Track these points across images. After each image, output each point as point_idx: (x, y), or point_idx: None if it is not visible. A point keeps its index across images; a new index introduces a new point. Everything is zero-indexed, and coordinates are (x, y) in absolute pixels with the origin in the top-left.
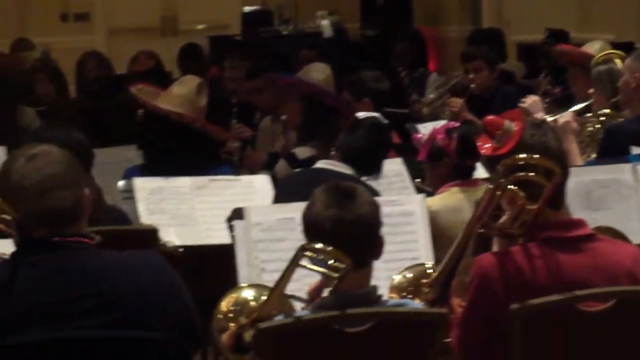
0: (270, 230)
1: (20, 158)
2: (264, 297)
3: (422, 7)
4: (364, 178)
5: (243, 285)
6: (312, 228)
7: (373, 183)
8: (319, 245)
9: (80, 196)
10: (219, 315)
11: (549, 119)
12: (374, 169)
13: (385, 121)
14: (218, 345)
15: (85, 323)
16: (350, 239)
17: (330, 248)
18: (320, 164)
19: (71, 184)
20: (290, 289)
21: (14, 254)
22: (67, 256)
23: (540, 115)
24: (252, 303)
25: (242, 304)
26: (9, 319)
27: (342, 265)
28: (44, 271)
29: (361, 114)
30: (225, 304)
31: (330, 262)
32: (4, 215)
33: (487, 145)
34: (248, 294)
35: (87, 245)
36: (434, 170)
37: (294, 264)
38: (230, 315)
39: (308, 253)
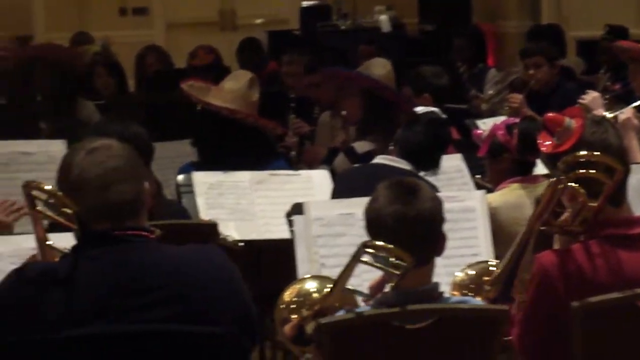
0: (330, 225)
1: (80, 152)
2: (326, 290)
3: (481, 3)
4: (422, 173)
5: (306, 276)
6: (375, 224)
7: (431, 178)
8: (381, 243)
9: (140, 190)
10: (281, 306)
11: (609, 115)
12: (432, 165)
13: (444, 116)
14: (278, 335)
15: (145, 317)
16: (412, 235)
17: (392, 246)
18: (379, 160)
19: (131, 178)
20: (351, 283)
21: (74, 248)
22: (128, 250)
23: (600, 111)
24: (315, 295)
25: (305, 296)
26: (70, 312)
27: (403, 263)
28: (104, 264)
29: (420, 109)
30: (288, 295)
31: (392, 259)
32: (64, 209)
33: (547, 143)
34: (311, 285)
35: (147, 239)
36: (494, 166)
37: (355, 260)
38: (293, 306)
39: (369, 250)
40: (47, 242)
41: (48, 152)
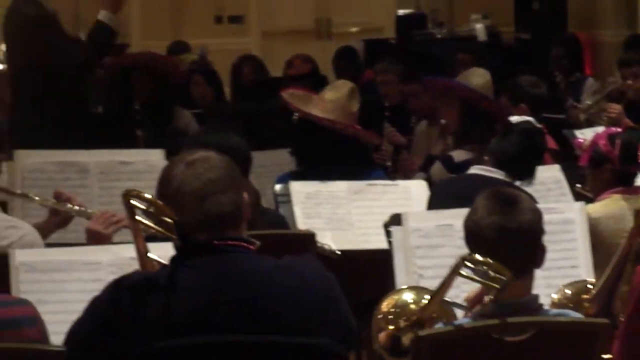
0: (428, 236)
1: (179, 164)
2: (424, 301)
3: (577, 12)
4: (517, 183)
5: (403, 287)
6: (474, 235)
7: (527, 188)
8: (480, 258)
9: (239, 201)
10: (379, 316)
11: None
12: (528, 174)
13: (539, 125)
14: (375, 345)
15: (244, 327)
16: (512, 247)
17: (492, 261)
18: (474, 170)
19: (231, 189)
20: (449, 295)
21: (174, 257)
22: (228, 260)
23: None
24: (412, 306)
25: (402, 307)
26: (169, 322)
27: (502, 277)
28: (204, 274)
29: (514, 119)
30: (385, 305)
31: (491, 273)
32: (164, 218)
33: None
34: (408, 296)
35: (247, 249)
36: (595, 176)
37: (454, 273)
38: (390, 316)
39: (468, 264)
40: (148, 254)
41: (146, 161)
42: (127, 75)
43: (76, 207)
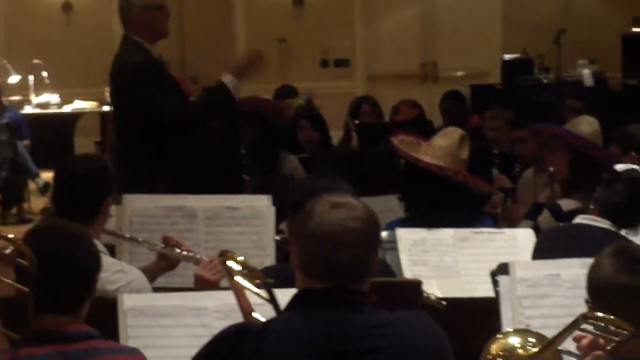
0: (536, 286)
1: (325, 203)
2: (530, 344)
3: None
4: (622, 232)
5: (509, 330)
6: (600, 292)
7: (632, 238)
8: (602, 315)
9: (370, 258)
10: (488, 356)
11: None
12: (633, 224)
13: None
14: None
15: None
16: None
17: (614, 318)
18: (580, 219)
19: (365, 244)
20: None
21: (292, 304)
22: (346, 311)
23: None
24: (519, 351)
25: (510, 351)
26: None
27: (624, 331)
28: (320, 326)
29: (619, 167)
30: (494, 348)
31: (612, 327)
32: (257, 281)
33: None
34: (514, 340)
35: (364, 303)
36: None
37: (572, 328)
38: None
39: (589, 320)
40: (252, 314)
41: (253, 207)
42: (234, 120)
43: (184, 252)
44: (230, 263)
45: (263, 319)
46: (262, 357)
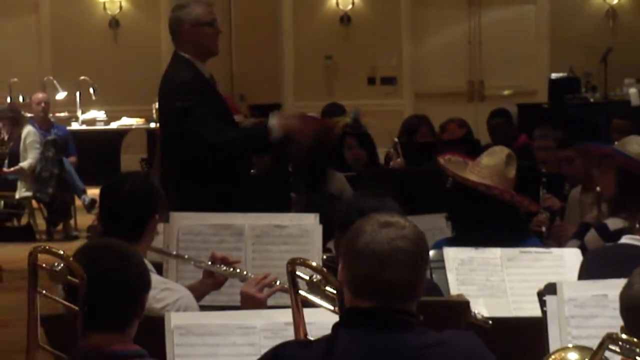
0: (583, 306)
1: (374, 222)
2: None
3: None
4: None
5: (570, 345)
6: (631, 311)
7: None
8: (625, 337)
9: (418, 280)
10: None
11: None
12: None
13: None
14: None
15: None
16: None
17: (637, 340)
18: (625, 239)
19: (414, 265)
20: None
21: (336, 324)
22: (390, 333)
23: None
24: None
25: None
26: None
27: None
28: (365, 345)
29: None
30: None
31: (638, 350)
32: (330, 289)
33: None
34: (573, 356)
35: (412, 323)
36: None
37: (600, 349)
38: None
39: (618, 341)
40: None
41: (300, 226)
42: (283, 138)
43: (231, 269)
44: (300, 270)
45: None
46: None
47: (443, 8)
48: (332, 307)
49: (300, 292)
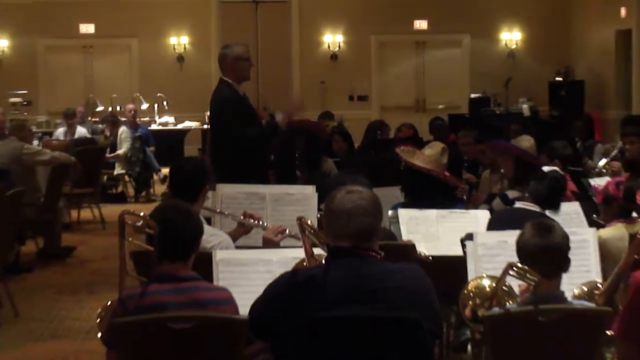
0: (491, 248)
1: (342, 191)
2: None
3: (591, 97)
4: (547, 212)
5: (484, 275)
6: (523, 251)
7: (554, 216)
8: (519, 265)
9: (377, 224)
10: (464, 292)
11: None
12: (554, 207)
13: (562, 173)
14: (453, 316)
15: (369, 307)
16: (548, 260)
17: (526, 267)
18: (519, 204)
19: (371, 214)
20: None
21: (328, 258)
22: (362, 263)
23: None
24: (487, 289)
25: (481, 289)
26: (323, 301)
27: (535, 278)
28: (346, 271)
29: (545, 169)
30: (471, 285)
31: (528, 275)
32: (320, 239)
33: None
34: (486, 282)
35: (375, 257)
36: (606, 210)
37: (504, 274)
38: (472, 294)
39: (514, 268)
40: (313, 255)
41: (303, 193)
42: (292, 135)
43: (256, 222)
44: (304, 225)
45: (317, 258)
46: (327, 293)
47: (399, 50)
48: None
49: (306, 234)
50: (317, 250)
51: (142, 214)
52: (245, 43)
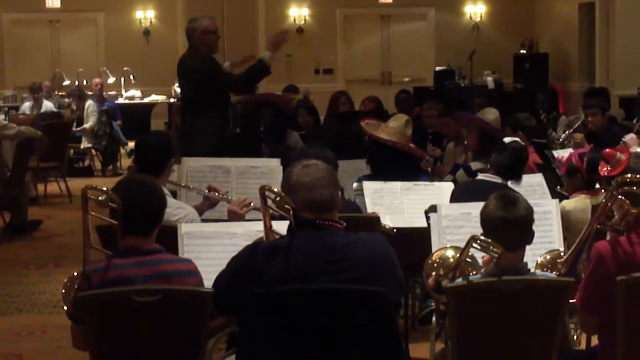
0: (454, 220)
1: (298, 166)
2: (455, 255)
3: (555, 70)
4: (509, 183)
5: (448, 246)
6: (487, 223)
7: (516, 188)
8: (482, 237)
9: (335, 195)
10: (428, 262)
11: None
12: (516, 177)
13: (523, 144)
14: (418, 288)
15: (333, 278)
16: (512, 231)
17: (489, 240)
18: (481, 176)
19: (330, 186)
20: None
21: (290, 230)
22: (325, 234)
23: (635, 147)
24: (451, 260)
25: (445, 259)
26: (286, 273)
27: (498, 250)
28: (309, 242)
29: (506, 139)
30: (435, 256)
31: (491, 247)
32: (286, 206)
33: (605, 168)
34: (449, 253)
35: (337, 227)
36: (569, 181)
37: (468, 245)
38: (435, 264)
39: (477, 240)
40: (271, 228)
41: (268, 166)
42: (257, 108)
43: (221, 195)
44: (267, 193)
45: (278, 232)
46: (290, 264)
47: (364, 23)
48: (289, 216)
49: (268, 204)
50: (277, 224)
51: (105, 188)
52: (212, 16)
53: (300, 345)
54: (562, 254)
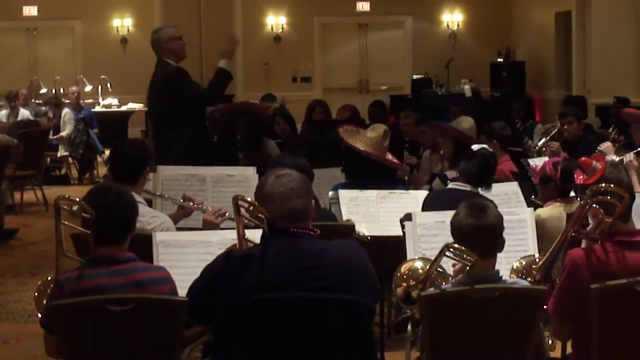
0: (429, 228)
1: (271, 176)
2: (425, 266)
3: (532, 77)
4: (480, 191)
5: (416, 257)
6: (457, 231)
7: (488, 195)
8: (456, 245)
9: (309, 204)
10: (397, 274)
11: (617, 159)
12: (486, 185)
13: (491, 151)
14: (394, 296)
15: (308, 287)
16: (482, 240)
17: (463, 248)
18: (451, 185)
19: (304, 195)
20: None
21: (264, 238)
22: (299, 242)
23: (611, 156)
24: (420, 271)
25: (413, 271)
26: (261, 282)
27: (471, 259)
28: (284, 251)
29: (475, 147)
30: (403, 268)
31: (465, 255)
32: (259, 214)
33: (580, 177)
34: (418, 264)
35: (312, 235)
36: (544, 190)
37: (441, 254)
38: (405, 276)
39: (450, 249)
40: (245, 237)
41: (244, 175)
42: (233, 116)
43: (196, 205)
44: (241, 202)
45: (252, 240)
46: (265, 272)
47: (342, 31)
48: (263, 225)
49: (242, 213)
50: (251, 233)
51: (77, 199)
52: (175, 24)
53: (274, 353)
54: (537, 259)
